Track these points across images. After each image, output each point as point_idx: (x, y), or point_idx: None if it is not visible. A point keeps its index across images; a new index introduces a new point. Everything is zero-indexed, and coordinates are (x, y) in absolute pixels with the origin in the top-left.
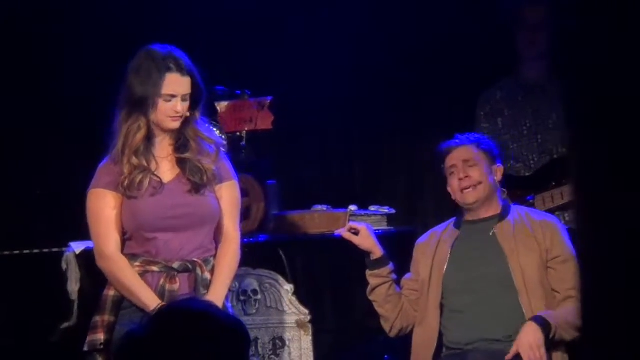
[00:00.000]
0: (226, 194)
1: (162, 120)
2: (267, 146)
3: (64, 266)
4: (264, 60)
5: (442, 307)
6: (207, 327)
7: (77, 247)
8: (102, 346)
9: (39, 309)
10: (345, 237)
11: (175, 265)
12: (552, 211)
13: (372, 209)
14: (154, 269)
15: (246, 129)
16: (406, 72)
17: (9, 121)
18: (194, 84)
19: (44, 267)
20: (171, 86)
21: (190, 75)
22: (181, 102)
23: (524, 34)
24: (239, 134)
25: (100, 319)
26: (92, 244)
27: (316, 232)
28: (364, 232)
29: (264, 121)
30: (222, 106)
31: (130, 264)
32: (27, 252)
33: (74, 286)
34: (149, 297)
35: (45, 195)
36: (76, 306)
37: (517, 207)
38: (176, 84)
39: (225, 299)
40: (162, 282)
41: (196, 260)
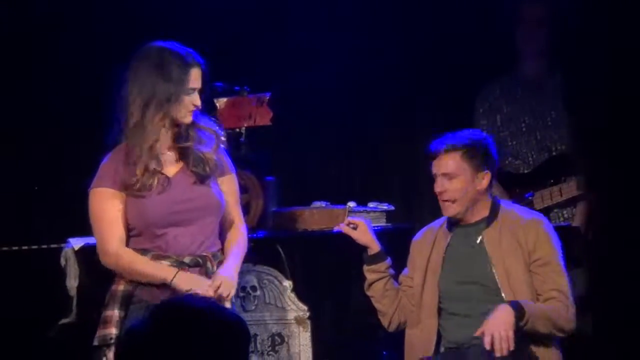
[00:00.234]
0: (228, 187)
1: (183, 115)
2: (266, 142)
3: (62, 262)
4: (263, 56)
5: (439, 310)
6: (207, 323)
7: (76, 243)
8: (113, 341)
9: (38, 304)
10: (343, 230)
11: (186, 259)
12: (550, 209)
13: (371, 205)
14: (165, 263)
15: (245, 125)
16: (405, 67)
17: (9, 117)
18: (203, 76)
19: (43, 263)
20: (194, 80)
21: (203, 67)
22: (198, 95)
23: (523, 31)
24: (238, 130)
25: (110, 314)
26: (93, 240)
27: (315, 229)
28: (362, 227)
29: (263, 117)
30: (221, 102)
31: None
32: (25, 248)
33: (72, 282)
34: (164, 271)
35: (43, 191)
36: (75, 302)
37: (506, 207)
38: (197, 77)
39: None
40: None
41: (206, 254)
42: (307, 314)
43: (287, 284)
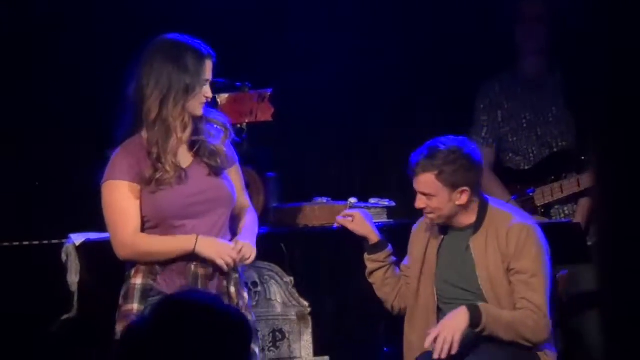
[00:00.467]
0: (235, 177)
1: (197, 107)
2: (267, 138)
3: (63, 258)
4: (264, 52)
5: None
6: (209, 319)
7: (77, 238)
8: None
9: (39, 300)
10: (339, 222)
11: None
12: (551, 205)
13: (372, 201)
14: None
15: (246, 121)
16: (406, 65)
17: (9, 115)
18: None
19: (44, 259)
20: (208, 72)
21: (214, 59)
22: (209, 87)
23: (523, 28)
24: (239, 126)
25: (130, 308)
26: (94, 236)
27: (316, 225)
28: (358, 218)
29: (264, 113)
30: (222, 98)
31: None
32: (26, 243)
33: (73, 277)
34: (184, 241)
35: (45, 187)
36: (76, 297)
37: (495, 209)
38: (210, 69)
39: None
40: (193, 268)
41: None
42: (308, 310)
43: (288, 279)
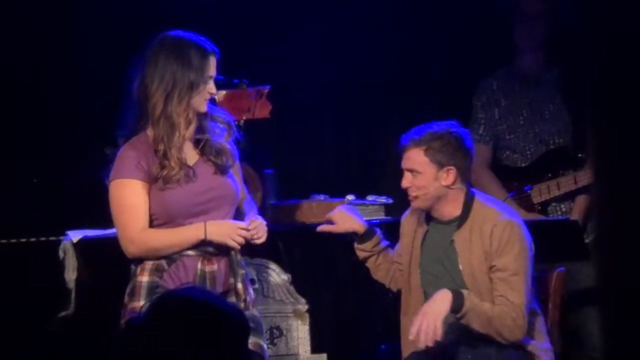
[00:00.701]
0: (237, 174)
1: (201, 103)
2: (265, 135)
3: (61, 255)
4: (262, 49)
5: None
6: (206, 316)
7: (75, 235)
8: None
9: (36, 297)
10: (321, 230)
11: (210, 248)
12: (548, 202)
13: (370, 198)
14: (190, 252)
15: (244, 118)
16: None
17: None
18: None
19: (41, 256)
20: (212, 68)
21: (217, 56)
22: (213, 84)
23: (521, 25)
24: (237, 123)
25: (137, 305)
26: (91, 233)
27: (314, 222)
28: (337, 218)
29: (262, 110)
30: (220, 95)
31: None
32: (24, 240)
33: (71, 275)
34: (193, 230)
35: (42, 183)
36: (73, 295)
37: (481, 204)
38: (213, 65)
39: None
40: (200, 265)
41: None
42: (306, 307)
43: (285, 277)
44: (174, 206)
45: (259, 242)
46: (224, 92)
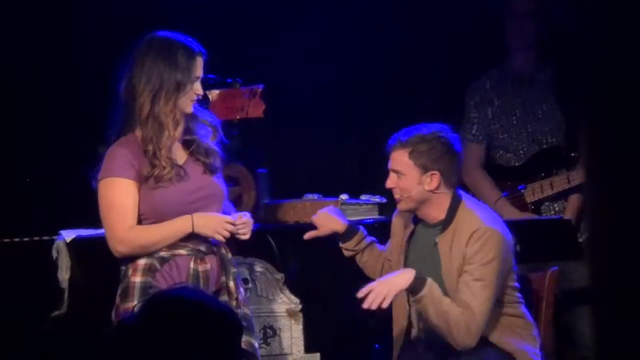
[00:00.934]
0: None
1: (187, 104)
2: (258, 135)
3: (54, 254)
4: (255, 48)
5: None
6: (198, 316)
7: (68, 235)
8: None
9: (29, 297)
10: (308, 237)
11: (202, 247)
12: (541, 202)
13: (364, 197)
14: (182, 252)
15: (237, 117)
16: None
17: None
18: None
19: (34, 255)
20: (199, 69)
21: (204, 57)
22: (200, 85)
23: (512, 24)
24: (230, 122)
25: (130, 306)
26: (85, 233)
27: (307, 221)
28: (318, 222)
29: (255, 110)
30: (213, 94)
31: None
32: (17, 240)
33: (64, 274)
34: (180, 224)
35: (35, 183)
36: (66, 294)
37: (467, 208)
38: (200, 66)
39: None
40: (192, 264)
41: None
42: (299, 307)
43: (279, 276)
44: (165, 205)
45: (243, 237)
46: (217, 92)
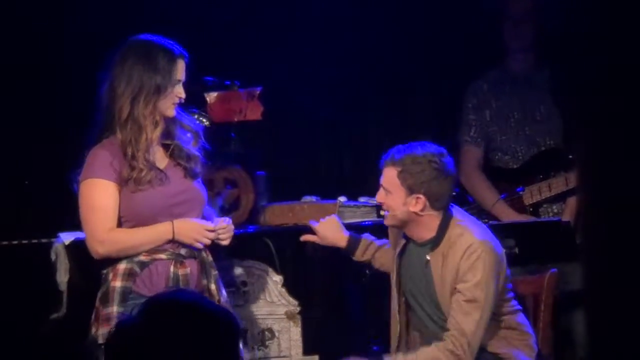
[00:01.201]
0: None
1: (168, 107)
2: (256, 137)
3: (52, 257)
4: (253, 51)
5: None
6: (196, 318)
7: (66, 237)
8: None
9: (28, 300)
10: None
11: (182, 251)
12: (539, 204)
13: (362, 200)
14: (162, 256)
15: (235, 119)
16: (395, 64)
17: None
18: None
19: (33, 258)
20: (180, 72)
21: (186, 60)
22: (182, 88)
23: (509, 26)
24: (228, 124)
25: (111, 311)
26: (83, 235)
27: (306, 224)
28: (319, 231)
29: (254, 112)
30: (211, 97)
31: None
32: (15, 242)
33: (63, 277)
34: (161, 230)
35: (34, 185)
36: (65, 297)
37: (458, 225)
38: (182, 69)
39: (221, 288)
40: (172, 268)
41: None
42: (298, 309)
43: (277, 278)
44: (146, 208)
45: (224, 243)
46: (215, 94)
